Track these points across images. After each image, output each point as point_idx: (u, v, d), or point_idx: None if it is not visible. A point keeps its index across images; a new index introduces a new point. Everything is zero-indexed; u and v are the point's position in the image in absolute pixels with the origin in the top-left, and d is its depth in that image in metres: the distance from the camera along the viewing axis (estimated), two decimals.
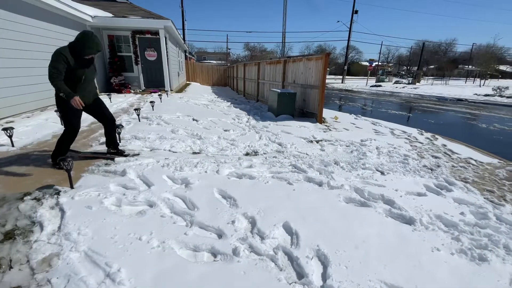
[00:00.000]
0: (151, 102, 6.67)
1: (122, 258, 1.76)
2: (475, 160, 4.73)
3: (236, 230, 2.18)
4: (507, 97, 17.23)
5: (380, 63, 49.00)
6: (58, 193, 2.45)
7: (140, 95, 10.38)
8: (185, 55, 22.30)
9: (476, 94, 19.31)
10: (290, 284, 1.69)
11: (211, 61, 50.11)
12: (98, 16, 9.10)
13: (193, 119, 6.45)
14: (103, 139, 4.22)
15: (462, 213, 2.77)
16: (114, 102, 7.55)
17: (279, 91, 7.11)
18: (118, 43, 10.55)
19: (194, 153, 4.11)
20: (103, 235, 1.96)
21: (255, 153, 4.32)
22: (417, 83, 30.72)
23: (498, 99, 16.94)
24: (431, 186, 3.47)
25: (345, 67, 33.79)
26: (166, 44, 10.67)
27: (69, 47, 2.70)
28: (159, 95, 8.45)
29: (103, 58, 10.34)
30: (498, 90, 18.58)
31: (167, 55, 10.82)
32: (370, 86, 28.26)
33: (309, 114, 7.26)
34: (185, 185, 2.89)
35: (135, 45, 10.58)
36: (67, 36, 7.63)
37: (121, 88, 10.58)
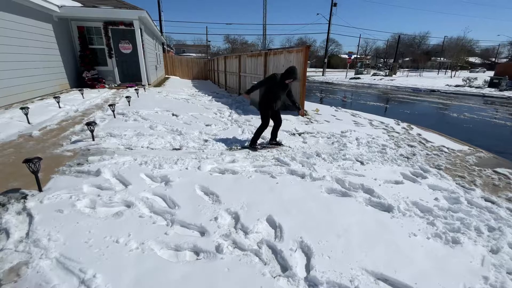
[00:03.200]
0: (127, 97, 6.37)
1: (97, 263, 1.67)
2: (448, 148, 4.97)
3: (219, 226, 2.14)
4: (476, 87, 18.29)
5: (358, 56, 50.12)
6: (25, 197, 2.28)
7: (115, 90, 9.90)
8: (163, 48, 21.48)
9: (447, 85, 20.33)
10: (274, 277, 1.69)
11: (191, 54, 48.77)
12: (66, 6, 8.46)
13: (173, 114, 6.26)
14: (74, 137, 4.00)
15: (436, 199, 2.90)
16: (87, 98, 7.13)
17: None
18: (89, 35, 9.92)
19: (174, 149, 3.99)
20: (76, 239, 1.84)
21: (238, 148, 4.27)
22: (394, 75, 31.83)
23: (467, 89, 17.95)
24: (407, 174, 3.60)
25: (325, 60, 34.21)
26: (141, 36, 10.18)
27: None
28: (135, 89, 8.09)
29: (73, 50, 9.71)
30: (467, 81, 19.67)
31: (143, 48, 10.34)
32: (350, 79, 28.87)
33: (291, 107, 7.26)
34: (164, 183, 2.79)
35: (107, 37, 10.00)
36: (32, 27, 7.05)
37: (94, 82, 10.01)
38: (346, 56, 34.98)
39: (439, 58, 44.89)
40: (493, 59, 52.23)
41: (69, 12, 8.72)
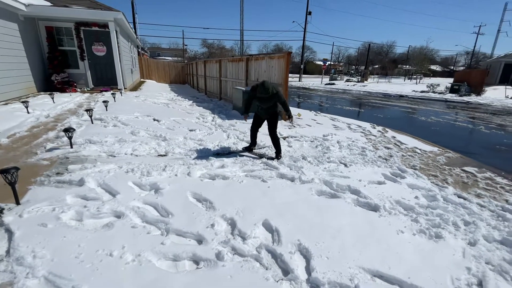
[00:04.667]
0: (104, 101, 6.07)
1: (91, 278, 1.57)
2: (420, 149, 5.33)
3: (217, 233, 2.11)
4: (439, 93, 19.84)
5: (332, 63, 52.21)
6: (0, 211, 2.08)
7: (88, 94, 9.38)
8: (138, 51, 20.80)
9: (414, 91, 21.83)
10: (277, 282, 1.70)
11: (166, 58, 47.64)
12: (33, 5, 7.89)
13: (154, 119, 6.07)
14: (50, 145, 3.74)
15: (416, 197, 3.10)
16: (58, 103, 6.67)
17: (243, 89, 7.09)
18: (59, 36, 9.32)
19: (160, 155, 3.87)
20: (65, 255, 1.72)
21: (226, 153, 4.25)
22: (365, 81, 33.52)
23: (432, 95, 19.42)
24: (387, 174, 3.81)
25: (302, 66, 35.18)
26: (117, 38, 9.78)
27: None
28: (112, 94, 7.72)
29: (41, 52, 9.06)
30: (431, 87, 21.28)
31: (119, 50, 9.93)
32: (325, 84, 29.94)
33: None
34: (154, 191, 2.70)
35: (79, 39, 9.48)
36: None
37: (65, 86, 9.40)
38: (321, 63, 36.27)
39: (405, 66, 48.13)
40: (452, 67, 57.10)
41: (37, 11, 8.15)
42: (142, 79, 19.50)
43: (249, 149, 4.43)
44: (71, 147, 3.56)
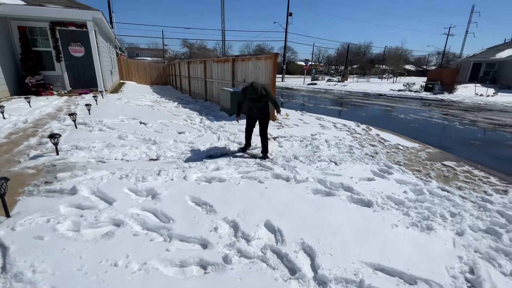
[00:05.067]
0: (86, 105, 5.81)
1: None
2: (402, 146, 5.59)
3: (221, 236, 2.11)
4: (415, 92, 20.85)
5: (312, 63, 53.23)
6: None
7: (67, 97, 8.94)
8: (116, 52, 20.06)
9: (392, 89, 22.78)
10: (286, 281, 1.74)
11: (146, 58, 46.33)
12: (5, 4, 7.39)
13: (141, 122, 5.91)
14: (33, 152, 3.54)
15: (405, 192, 3.26)
16: (36, 107, 6.31)
17: (231, 90, 7.07)
18: (33, 36, 8.80)
19: (151, 159, 3.79)
20: (67, 268, 1.65)
21: (219, 155, 4.23)
22: (346, 81, 34.50)
23: (408, 93, 20.36)
24: (376, 171, 3.98)
25: (284, 66, 35.57)
26: (96, 38, 9.39)
27: None
28: (94, 96, 7.40)
29: (13, 53, 8.51)
30: (407, 86, 22.31)
31: (98, 51, 9.54)
32: (307, 84, 30.47)
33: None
34: (151, 196, 2.64)
35: (55, 39, 9.01)
36: None
37: (40, 89, 8.89)
38: (303, 63, 36.88)
39: (382, 66, 50.09)
40: (425, 67, 60.18)
41: (9, 10, 7.65)
42: (121, 81, 18.85)
43: (244, 149, 4.46)
44: (57, 154, 3.39)
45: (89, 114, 5.84)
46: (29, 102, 6.37)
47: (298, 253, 2.01)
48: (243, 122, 4.54)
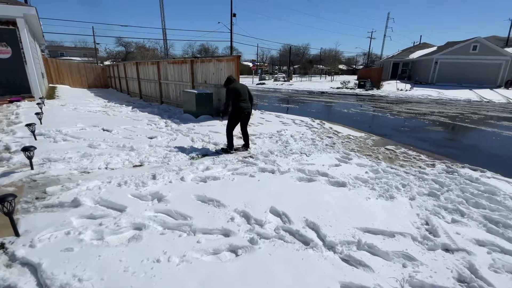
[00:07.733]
0: (36, 113, 5.18)
1: (153, 284, 1.66)
2: (352, 136, 6.56)
3: (239, 225, 2.39)
4: (350, 89, 23.63)
5: (258, 63, 54.97)
6: (1, 246, 1.82)
7: None
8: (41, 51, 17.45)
9: (331, 87, 25.34)
10: (304, 250, 2.13)
11: (74, 58, 41.03)
12: None
13: (104, 130, 5.56)
14: (16, 158, 3.16)
15: (366, 172, 4.00)
16: None
17: (196, 92, 7.12)
18: None
19: (136, 166, 3.74)
20: (112, 271, 1.72)
21: (201, 156, 4.37)
22: (291, 80, 36.77)
23: (345, 90, 23.00)
24: (339, 158, 4.69)
25: None
26: (28, 38, 8.18)
27: None
28: (38, 104, 6.49)
29: None
30: (344, 84, 25.15)
31: (31, 52, 8.34)
32: (256, 84, 31.55)
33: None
34: (157, 199, 2.73)
35: None
36: None
37: None
38: (250, 64, 37.83)
39: (319, 66, 54.78)
40: (354, 66, 68.06)
41: None
42: (51, 85, 16.53)
43: (227, 151, 4.65)
44: (32, 168, 3.10)
45: (41, 123, 5.23)
46: None
47: (305, 228, 2.43)
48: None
